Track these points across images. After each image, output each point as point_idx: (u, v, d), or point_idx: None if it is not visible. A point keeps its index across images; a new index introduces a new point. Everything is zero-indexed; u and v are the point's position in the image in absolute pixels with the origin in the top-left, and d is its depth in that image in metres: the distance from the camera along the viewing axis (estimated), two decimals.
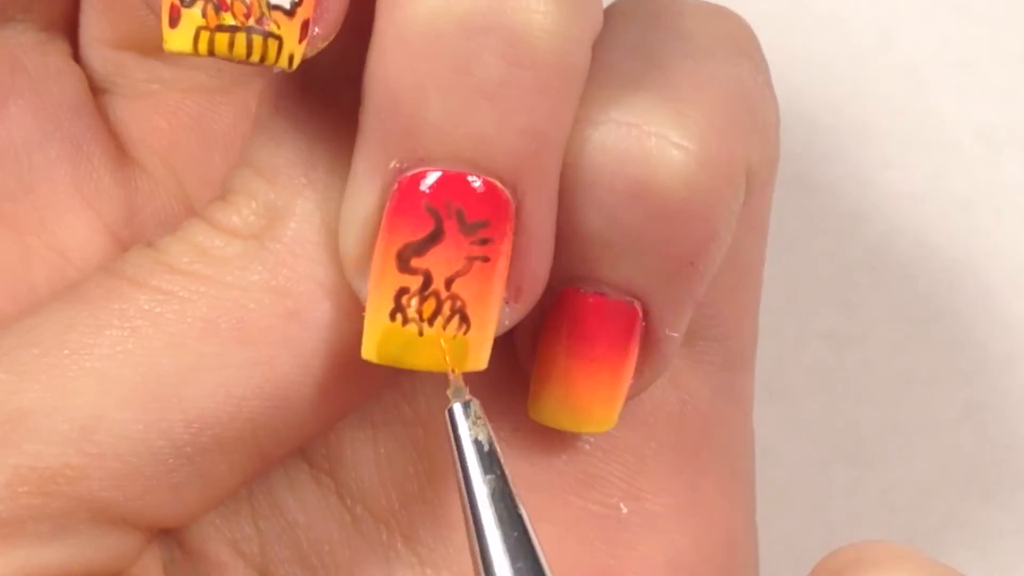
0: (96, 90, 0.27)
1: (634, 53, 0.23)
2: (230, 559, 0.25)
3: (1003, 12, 0.39)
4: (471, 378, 0.23)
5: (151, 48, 0.27)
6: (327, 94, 0.23)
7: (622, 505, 0.25)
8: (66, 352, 0.22)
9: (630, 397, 0.24)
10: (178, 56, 0.21)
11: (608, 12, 0.23)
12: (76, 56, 0.27)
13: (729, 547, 0.26)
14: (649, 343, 0.24)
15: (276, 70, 0.21)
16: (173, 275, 0.22)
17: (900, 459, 0.37)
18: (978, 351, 0.37)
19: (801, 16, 0.39)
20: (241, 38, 0.20)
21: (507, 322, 0.22)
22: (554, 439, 0.25)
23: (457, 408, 0.22)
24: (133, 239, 0.26)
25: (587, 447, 0.25)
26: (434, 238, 0.21)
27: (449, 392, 0.22)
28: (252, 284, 0.22)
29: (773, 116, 0.24)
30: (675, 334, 0.24)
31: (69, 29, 0.27)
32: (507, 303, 0.22)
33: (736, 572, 0.26)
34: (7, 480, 0.21)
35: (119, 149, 0.27)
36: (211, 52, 0.20)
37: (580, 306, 0.23)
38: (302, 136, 0.23)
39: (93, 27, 0.27)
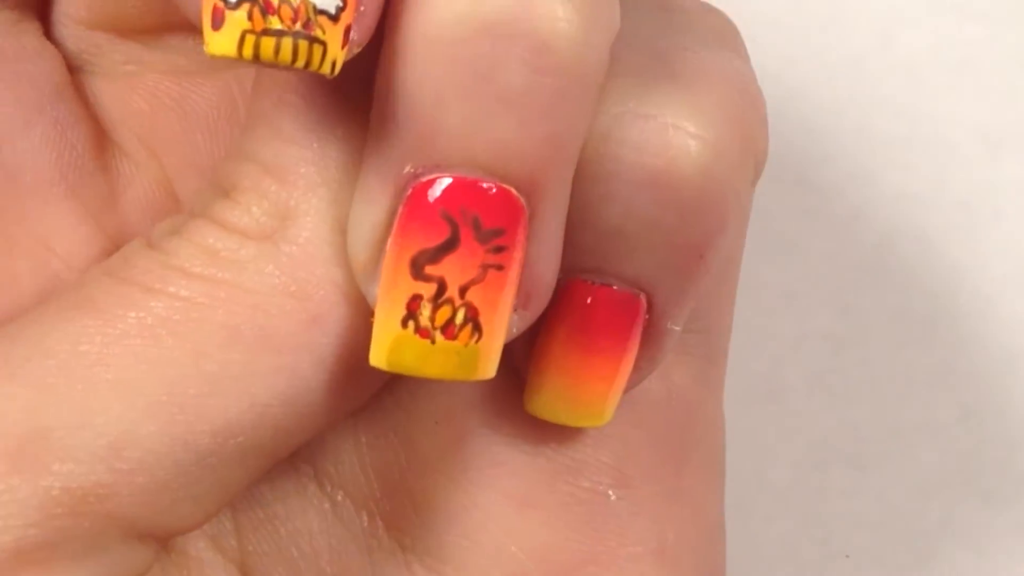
0: (69, 68, 0.26)
1: (635, 45, 0.23)
2: (210, 555, 0.25)
3: (1002, 12, 0.39)
4: None
5: (128, 29, 0.26)
6: (331, 89, 0.22)
7: (611, 492, 0.25)
8: (85, 364, 0.21)
9: (626, 390, 0.24)
10: (219, 59, 0.20)
11: None
12: (47, 34, 0.26)
13: (709, 535, 0.26)
14: (650, 336, 0.23)
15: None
16: (189, 280, 0.22)
17: (899, 459, 0.37)
18: (978, 351, 0.37)
19: (801, 16, 0.39)
20: (287, 43, 0.20)
21: (515, 330, 0.22)
22: (541, 425, 0.25)
23: None
24: (116, 227, 0.26)
25: (577, 434, 0.25)
26: (449, 246, 0.21)
27: None
28: (272, 288, 0.22)
29: (765, 109, 0.24)
30: (676, 327, 0.24)
31: (40, 7, 0.26)
32: (515, 310, 0.22)
33: (713, 559, 0.26)
34: (40, 503, 0.21)
35: (100, 132, 0.26)
36: (256, 57, 0.20)
37: (586, 298, 0.23)
38: (310, 132, 0.22)
39: (67, 5, 0.26)
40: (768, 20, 0.39)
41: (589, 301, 0.23)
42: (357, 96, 0.22)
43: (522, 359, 0.24)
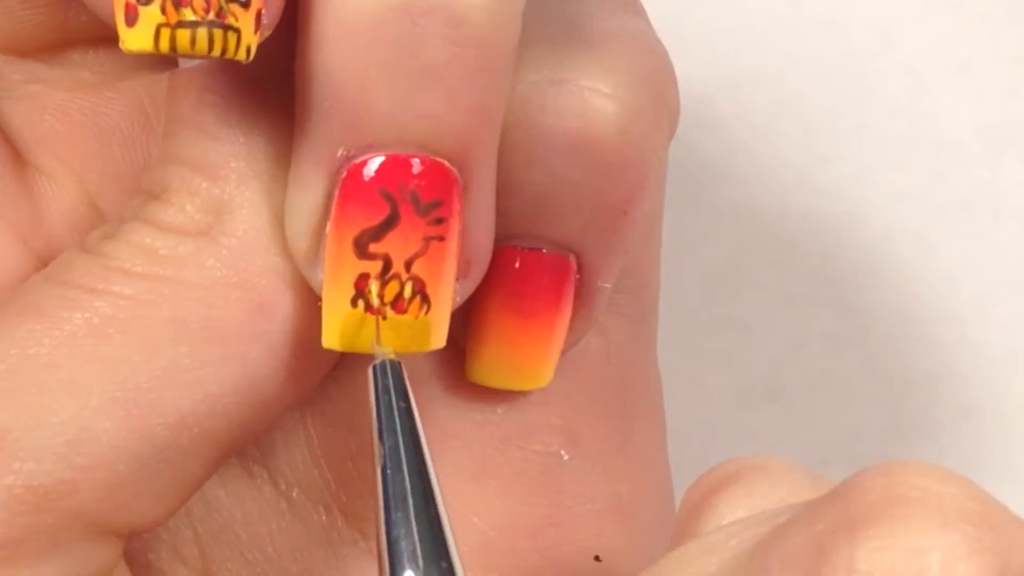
0: None
1: (546, 14, 0.23)
2: (171, 566, 0.25)
3: (1002, 12, 0.39)
4: None
5: (27, 49, 0.26)
6: (249, 83, 0.23)
7: (563, 452, 0.25)
8: (36, 366, 0.22)
9: (564, 351, 0.24)
10: (136, 54, 0.20)
11: None
12: None
13: (662, 490, 0.26)
14: (583, 295, 0.24)
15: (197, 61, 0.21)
16: (131, 279, 0.22)
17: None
18: (977, 351, 0.37)
19: (801, 17, 0.39)
20: (203, 33, 0.20)
21: (459, 298, 0.22)
22: (488, 394, 0.25)
23: (377, 368, 0.22)
24: (44, 245, 0.26)
25: (524, 398, 0.25)
26: (391, 222, 0.21)
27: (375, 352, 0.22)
28: (214, 281, 0.22)
29: (671, 64, 0.24)
30: (607, 285, 0.24)
31: None
32: (458, 279, 0.22)
33: (664, 512, 0.26)
34: (3, 501, 0.21)
35: (15, 155, 0.26)
36: (172, 48, 0.20)
37: (517, 263, 0.23)
38: (235, 128, 0.23)
39: None
40: (768, 20, 0.39)
41: (520, 266, 0.23)
42: (276, 87, 0.22)
43: (459, 329, 0.24)
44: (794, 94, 0.38)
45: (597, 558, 0.25)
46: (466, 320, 0.24)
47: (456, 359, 0.25)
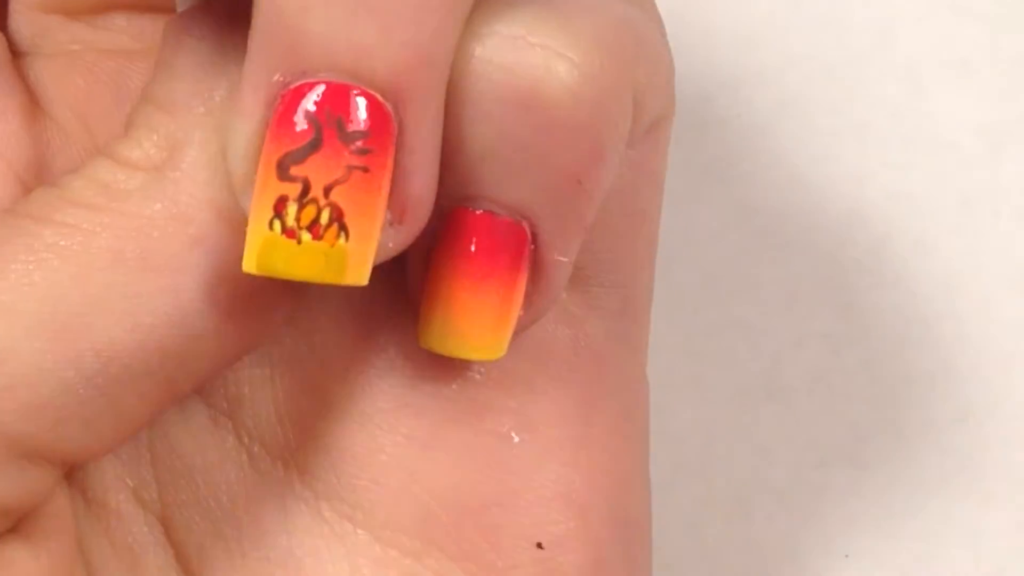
0: (17, 53, 0.27)
1: None
2: (129, 507, 0.25)
3: (1001, 12, 0.39)
4: (364, 301, 0.23)
5: (77, 10, 0.27)
6: (228, 25, 0.23)
7: (514, 434, 0.25)
8: None
9: (522, 327, 0.24)
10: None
11: None
12: (3, 25, 0.28)
13: (622, 487, 0.26)
14: (538, 267, 0.24)
15: None
16: (76, 209, 0.22)
17: (900, 459, 0.37)
18: (977, 351, 0.37)
19: (801, 16, 0.39)
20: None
21: (391, 244, 0.23)
22: (445, 367, 0.25)
23: None
24: None
25: (478, 377, 0.25)
26: (313, 146, 0.22)
27: None
28: (155, 213, 0.22)
29: (666, 61, 0.24)
30: (564, 259, 0.24)
31: None
32: (392, 225, 0.22)
33: (628, 513, 0.26)
34: None
35: (34, 104, 0.27)
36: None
37: (467, 225, 0.23)
38: (201, 68, 0.23)
39: None
40: (768, 20, 0.39)
41: (470, 228, 0.23)
42: (246, 27, 0.22)
43: (415, 293, 0.24)
44: (794, 94, 0.38)
45: (540, 545, 0.25)
46: (421, 282, 0.24)
47: (416, 328, 0.25)
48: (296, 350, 0.26)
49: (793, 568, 0.36)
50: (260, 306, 0.23)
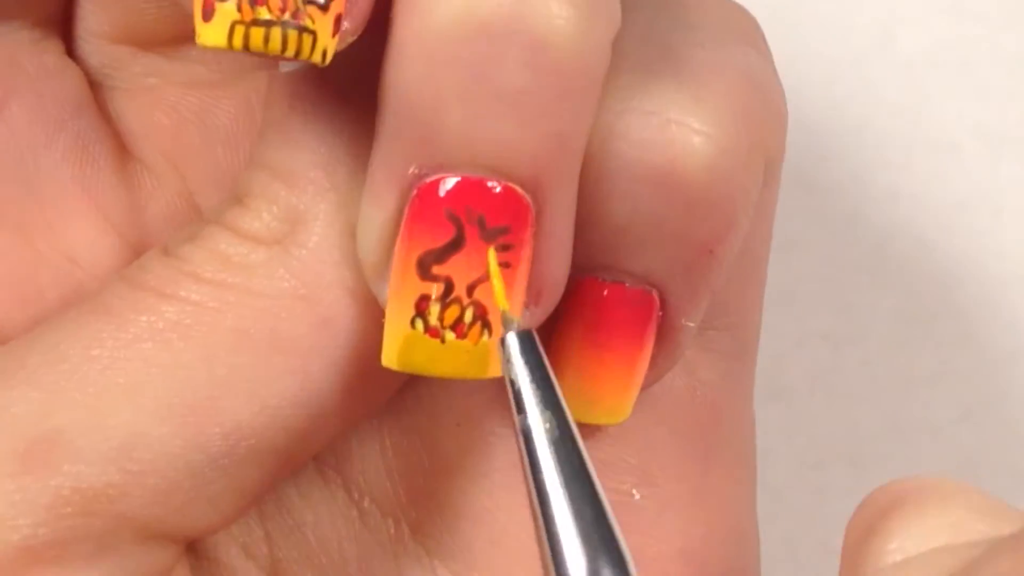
0: (92, 84, 0.27)
1: (646, 40, 0.23)
2: (241, 563, 0.25)
3: (1001, 12, 0.39)
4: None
5: (148, 42, 0.27)
6: (341, 94, 0.23)
7: (635, 491, 0.25)
8: (97, 368, 0.21)
9: (644, 387, 0.24)
10: (210, 50, 0.20)
11: None
12: (70, 52, 0.27)
13: (738, 535, 0.26)
14: (665, 332, 0.23)
15: (296, 64, 0.21)
16: (199, 285, 0.22)
17: (900, 459, 0.37)
18: (978, 351, 0.37)
19: (801, 16, 0.39)
20: (276, 32, 0.20)
21: (528, 326, 0.22)
22: None
23: (511, 339, 0.21)
24: (139, 239, 0.26)
25: (598, 432, 0.25)
26: (455, 245, 0.21)
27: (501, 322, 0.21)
28: (281, 292, 0.22)
29: (783, 105, 0.24)
30: (691, 324, 0.23)
31: (62, 25, 0.27)
32: (527, 307, 0.22)
33: (742, 561, 0.26)
34: (50, 503, 0.21)
35: (122, 147, 0.26)
36: (246, 47, 0.20)
37: (598, 296, 0.23)
38: (319, 138, 0.22)
39: (90, 21, 0.27)
40: (768, 20, 0.39)
41: (601, 298, 0.23)
42: (365, 100, 0.22)
43: None
44: (794, 94, 0.38)
45: None
46: (546, 349, 0.24)
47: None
48: (403, 403, 0.25)
49: (793, 568, 0.36)
50: (384, 381, 0.23)
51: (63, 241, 0.25)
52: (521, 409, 0.20)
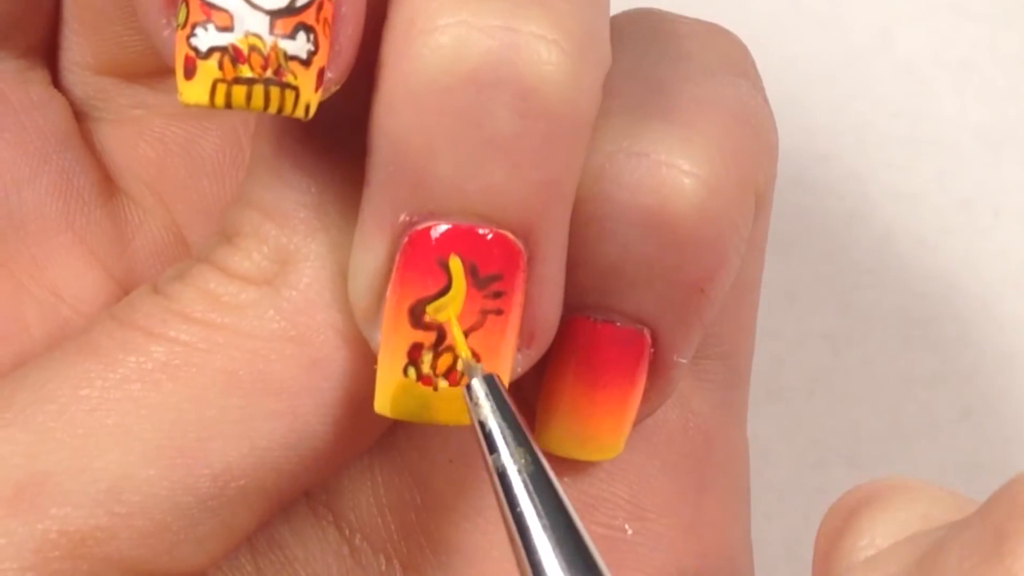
0: (77, 115, 0.27)
1: (634, 76, 0.23)
2: None
3: (1002, 12, 0.39)
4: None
5: (133, 73, 0.26)
6: (331, 135, 0.22)
7: (627, 526, 0.25)
8: (86, 408, 0.21)
9: (637, 422, 0.24)
10: (193, 108, 0.20)
11: None
12: (55, 82, 0.27)
13: (731, 563, 0.26)
14: (657, 369, 0.23)
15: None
16: (189, 325, 0.22)
17: (900, 459, 0.37)
18: (977, 351, 0.37)
19: (801, 16, 0.39)
20: (259, 90, 0.20)
21: (520, 369, 0.22)
22: (556, 461, 0.24)
23: (476, 384, 0.21)
24: (125, 273, 0.26)
25: (590, 468, 0.25)
26: (447, 293, 0.21)
27: (462, 369, 0.21)
28: (271, 334, 0.22)
29: (774, 135, 0.24)
30: (683, 360, 0.23)
31: (47, 55, 0.26)
32: (519, 350, 0.22)
33: None
34: (37, 546, 0.21)
35: (107, 179, 0.26)
36: (228, 104, 0.20)
37: (589, 335, 0.23)
38: (310, 176, 0.22)
39: (75, 52, 0.26)
40: (768, 20, 0.39)
41: (592, 337, 0.23)
42: (353, 140, 0.22)
43: (532, 395, 0.24)
44: (794, 94, 0.38)
45: None
46: (538, 387, 0.24)
47: (527, 423, 0.24)
48: (394, 439, 0.25)
49: (793, 568, 0.36)
50: (375, 421, 0.23)
51: (48, 275, 0.25)
52: (494, 449, 0.20)
